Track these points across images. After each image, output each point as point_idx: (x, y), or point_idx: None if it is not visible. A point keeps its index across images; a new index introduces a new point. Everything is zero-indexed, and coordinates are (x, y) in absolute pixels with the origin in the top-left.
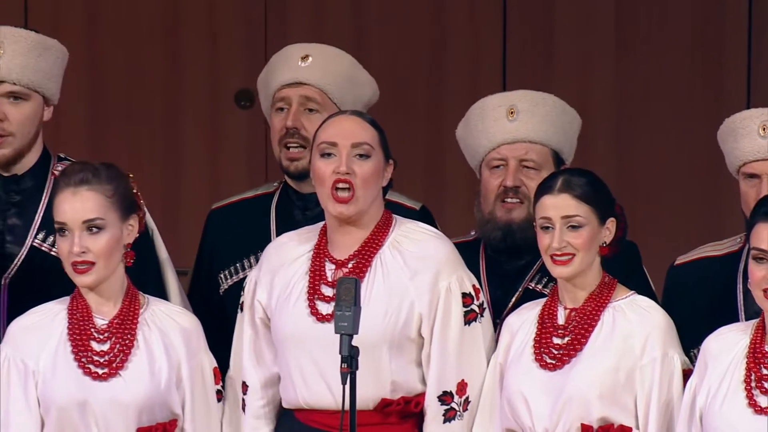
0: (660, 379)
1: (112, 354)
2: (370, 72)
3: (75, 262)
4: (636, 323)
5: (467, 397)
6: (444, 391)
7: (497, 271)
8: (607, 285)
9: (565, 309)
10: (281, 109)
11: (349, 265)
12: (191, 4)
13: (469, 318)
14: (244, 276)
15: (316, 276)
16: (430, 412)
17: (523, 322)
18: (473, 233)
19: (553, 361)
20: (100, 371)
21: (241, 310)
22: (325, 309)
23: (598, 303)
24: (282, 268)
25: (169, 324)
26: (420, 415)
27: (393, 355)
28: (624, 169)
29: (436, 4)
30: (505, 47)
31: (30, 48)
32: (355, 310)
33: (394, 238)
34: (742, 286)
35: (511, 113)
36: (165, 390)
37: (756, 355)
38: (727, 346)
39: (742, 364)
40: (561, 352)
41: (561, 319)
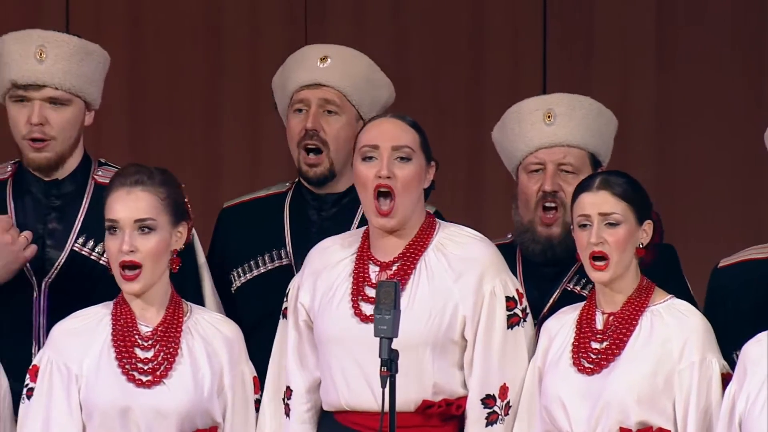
0: (698, 384)
1: (156, 362)
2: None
3: (123, 262)
4: (674, 327)
5: (508, 401)
6: (487, 395)
7: (534, 272)
8: (645, 289)
9: (603, 313)
10: (299, 110)
11: (393, 268)
12: (232, 8)
13: (512, 322)
14: (257, 274)
15: (359, 277)
16: (472, 415)
17: (561, 326)
18: (510, 236)
19: (591, 366)
20: (144, 378)
21: (284, 316)
22: (369, 310)
23: (636, 307)
24: (325, 271)
25: (211, 332)
26: (461, 418)
27: (436, 357)
28: (664, 171)
29: (476, 7)
30: (545, 50)
31: (72, 53)
32: (394, 314)
33: (439, 240)
34: None
35: (548, 117)
36: (207, 398)
37: None
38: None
39: None
40: (599, 356)
41: (599, 324)
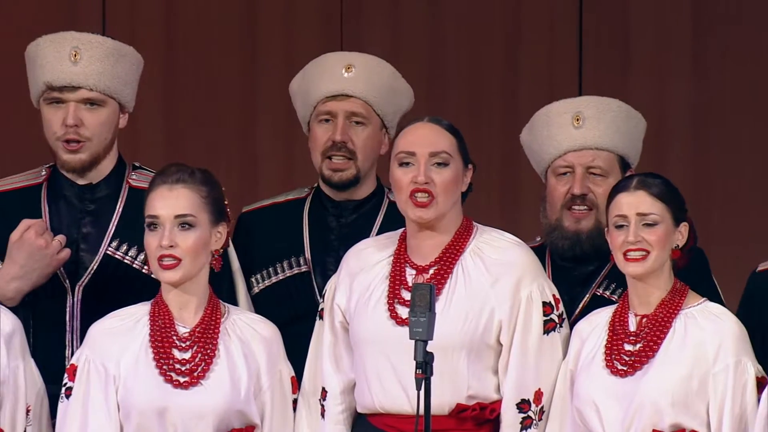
0: (733, 387)
1: (193, 363)
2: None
3: (162, 256)
4: (708, 330)
5: (542, 407)
6: (522, 399)
7: (564, 277)
8: (679, 291)
9: (636, 315)
10: (326, 120)
11: (431, 271)
12: (267, 10)
13: (548, 327)
14: (276, 280)
15: (396, 280)
16: (506, 419)
17: (593, 329)
18: (539, 239)
19: (625, 368)
20: (182, 379)
21: (320, 317)
22: (405, 313)
23: (669, 310)
24: (361, 273)
25: (249, 333)
26: (495, 421)
27: (471, 361)
28: (700, 174)
29: (513, 10)
30: (581, 52)
31: (106, 54)
32: (429, 316)
33: (476, 244)
34: None
35: (577, 120)
36: (244, 400)
37: None
38: None
39: None
40: (633, 358)
41: (632, 326)
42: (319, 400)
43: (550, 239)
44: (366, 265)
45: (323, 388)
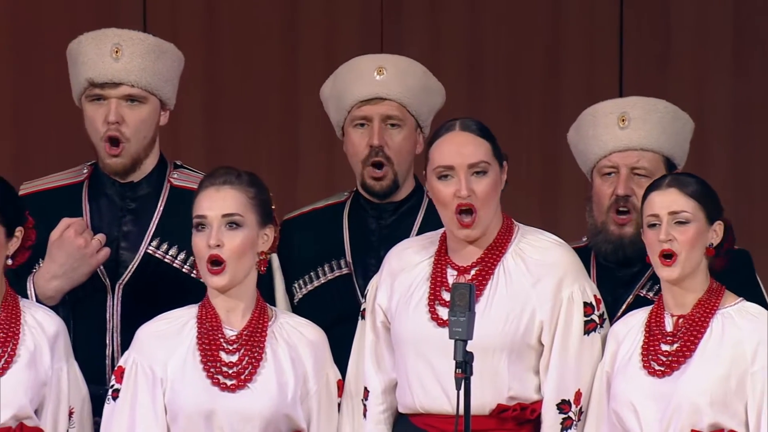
0: None
1: (240, 366)
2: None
3: (211, 257)
4: (746, 330)
5: (581, 407)
6: (562, 400)
7: (608, 277)
8: (715, 291)
9: (672, 316)
10: (361, 125)
11: (472, 272)
12: (308, 10)
13: (588, 328)
14: (318, 285)
15: (437, 281)
16: (547, 419)
17: (629, 330)
18: (584, 239)
19: (662, 368)
20: (229, 382)
21: (362, 317)
22: (446, 314)
23: (706, 309)
24: (403, 273)
25: (296, 337)
26: (536, 422)
27: (512, 361)
28: (740, 174)
29: (554, 9)
30: (622, 50)
31: (147, 50)
32: (469, 316)
33: (517, 245)
34: None
35: (623, 120)
36: (291, 404)
37: None
38: None
39: None
40: (670, 358)
41: (669, 326)
42: (362, 400)
43: (594, 242)
44: (407, 265)
45: (365, 388)
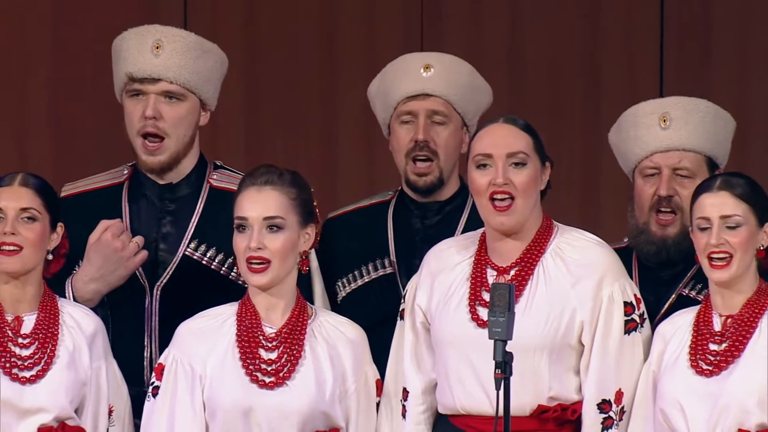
0: None
1: (279, 363)
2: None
3: (251, 257)
4: None
5: (623, 407)
6: (603, 400)
7: (650, 277)
8: (764, 292)
9: (720, 316)
10: (407, 121)
11: (512, 273)
12: (348, 12)
13: (629, 327)
14: (362, 284)
15: (477, 282)
16: (587, 419)
17: (676, 330)
18: (626, 240)
19: (710, 368)
20: (267, 380)
21: (401, 318)
22: (486, 315)
23: (755, 309)
24: (442, 273)
25: (335, 335)
26: (576, 422)
27: (552, 361)
28: None
29: (592, 10)
30: (662, 50)
31: (188, 48)
32: (509, 316)
33: (557, 245)
34: None
35: (664, 121)
36: (329, 402)
37: None
38: None
39: None
40: (718, 358)
41: (717, 326)
42: (401, 401)
43: (636, 242)
44: (447, 265)
45: (404, 389)
